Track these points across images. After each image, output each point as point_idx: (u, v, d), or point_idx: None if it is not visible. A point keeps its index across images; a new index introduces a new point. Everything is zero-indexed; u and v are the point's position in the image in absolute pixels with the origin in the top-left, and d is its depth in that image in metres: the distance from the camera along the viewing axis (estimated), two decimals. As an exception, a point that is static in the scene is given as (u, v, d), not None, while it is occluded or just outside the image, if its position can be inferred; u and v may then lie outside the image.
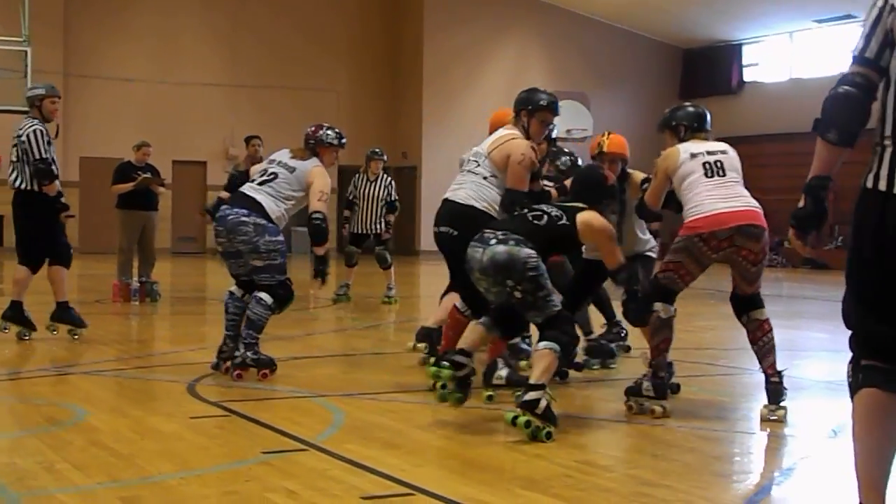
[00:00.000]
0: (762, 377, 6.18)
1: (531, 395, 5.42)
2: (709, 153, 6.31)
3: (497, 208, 6.71)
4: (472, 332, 6.06)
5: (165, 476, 4.67)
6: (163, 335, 10.34)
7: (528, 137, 6.86)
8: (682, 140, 6.53)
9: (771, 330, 6.24)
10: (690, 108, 6.71)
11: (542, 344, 5.64)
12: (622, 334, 8.69)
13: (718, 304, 10.38)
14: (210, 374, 7.37)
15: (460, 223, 6.63)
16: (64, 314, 9.24)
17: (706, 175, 6.19)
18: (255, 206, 7.18)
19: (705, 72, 30.35)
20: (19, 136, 8.90)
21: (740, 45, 29.83)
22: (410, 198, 25.80)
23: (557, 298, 5.87)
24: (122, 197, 12.97)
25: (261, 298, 7.15)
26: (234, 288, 7.42)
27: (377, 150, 14.17)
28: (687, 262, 6.08)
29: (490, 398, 6.52)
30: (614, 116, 29.79)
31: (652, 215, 6.99)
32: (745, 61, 29.88)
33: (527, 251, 5.68)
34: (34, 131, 8.86)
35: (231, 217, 7.15)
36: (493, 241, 5.74)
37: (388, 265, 13.58)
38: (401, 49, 28.57)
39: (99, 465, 4.82)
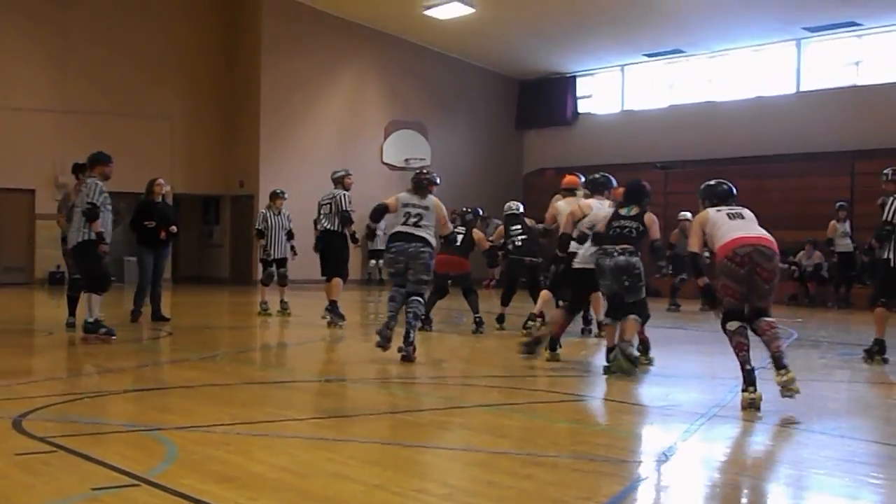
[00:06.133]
0: (595, 403, 6.30)
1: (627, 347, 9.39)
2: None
3: None
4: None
5: (-12, 516, 4.50)
6: (-13, 369, 9.96)
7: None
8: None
9: (776, 326, 7.83)
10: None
11: (632, 316, 9.58)
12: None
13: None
14: (38, 409, 7.14)
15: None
16: (334, 308, 14.35)
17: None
18: (424, 241, 10.59)
19: (541, 103, 30.98)
20: (333, 198, 14.50)
21: (574, 78, 30.54)
22: (248, 227, 25.44)
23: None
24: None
25: (420, 301, 10.66)
26: (397, 289, 10.67)
27: (279, 190, 17.04)
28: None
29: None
30: (451, 146, 30.17)
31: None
32: (579, 93, 30.58)
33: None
34: (343, 195, 14.49)
35: (411, 250, 10.54)
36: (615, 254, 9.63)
37: (287, 282, 16.69)
38: (237, 75, 28.24)
39: (-84, 506, 4.61)
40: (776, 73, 26.05)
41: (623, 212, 9.89)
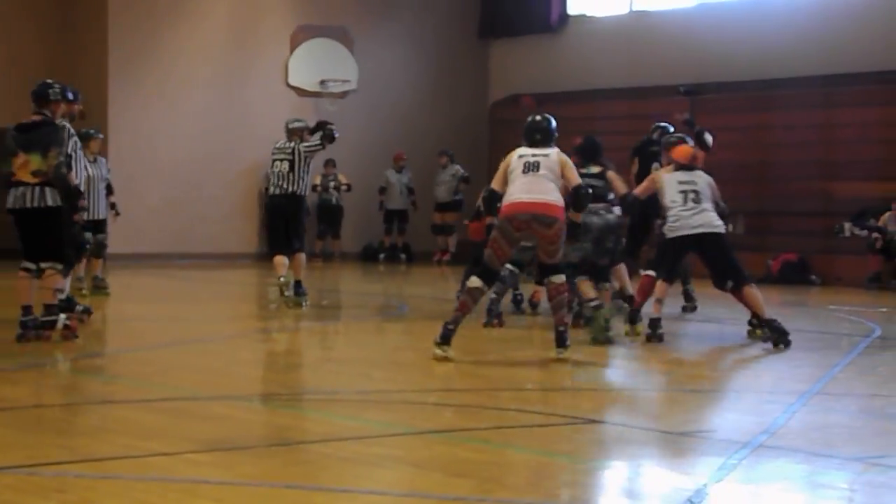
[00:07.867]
0: (591, 427, 6.35)
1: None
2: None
3: None
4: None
5: None
6: None
7: None
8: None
9: (565, 292, 10.98)
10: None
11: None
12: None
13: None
14: None
15: None
16: (299, 289, 16.22)
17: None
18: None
19: (515, 1, 30.87)
20: (293, 152, 16.00)
21: (563, -38, 30.48)
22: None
23: None
24: None
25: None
26: (512, 267, 13.42)
27: (92, 130, 17.67)
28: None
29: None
30: (387, 63, 30.01)
31: None
32: (569, -14, 30.55)
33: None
34: (302, 149, 16.21)
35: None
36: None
37: (104, 253, 17.90)
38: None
39: None
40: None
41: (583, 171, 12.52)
